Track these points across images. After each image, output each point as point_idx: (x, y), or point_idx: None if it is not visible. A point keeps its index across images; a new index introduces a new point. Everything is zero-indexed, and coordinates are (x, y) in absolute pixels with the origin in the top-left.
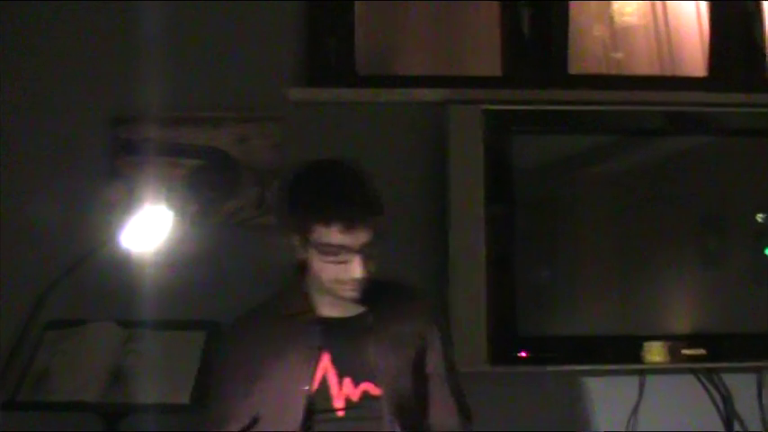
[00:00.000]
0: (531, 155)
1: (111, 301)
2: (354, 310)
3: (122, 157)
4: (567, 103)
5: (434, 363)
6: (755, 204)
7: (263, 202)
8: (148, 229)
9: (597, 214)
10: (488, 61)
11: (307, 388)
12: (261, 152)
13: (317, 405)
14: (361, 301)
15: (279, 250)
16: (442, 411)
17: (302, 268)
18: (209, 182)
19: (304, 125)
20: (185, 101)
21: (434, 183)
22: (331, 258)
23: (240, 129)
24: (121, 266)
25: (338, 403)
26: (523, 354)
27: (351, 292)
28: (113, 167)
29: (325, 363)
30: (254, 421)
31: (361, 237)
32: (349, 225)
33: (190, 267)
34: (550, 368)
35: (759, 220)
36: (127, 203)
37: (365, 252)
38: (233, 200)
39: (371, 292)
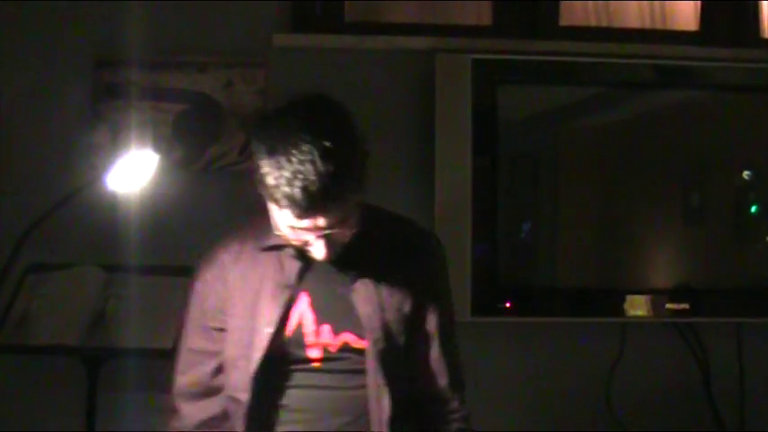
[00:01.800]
0: (519, 106)
1: (93, 244)
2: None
3: (105, 100)
4: (557, 54)
5: (433, 322)
6: (742, 161)
7: (246, 147)
8: (132, 172)
9: (583, 167)
10: (477, 10)
11: (269, 330)
12: (245, 97)
13: (290, 353)
14: (354, 244)
15: (262, 196)
16: (431, 375)
17: None
18: (193, 126)
19: (289, 71)
20: (170, 45)
21: (421, 132)
22: (292, 235)
23: (225, 74)
24: (104, 210)
25: (314, 352)
26: (508, 304)
27: (320, 257)
28: (96, 111)
29: (303, 306)
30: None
31: (322, 221)
32: (305, 213)
33: (173, 212)
34: (532, 320)
35: (745, 177)
36: (110, 147)
37: (329, 235)
38: (217, 145)
39: (373, 225)
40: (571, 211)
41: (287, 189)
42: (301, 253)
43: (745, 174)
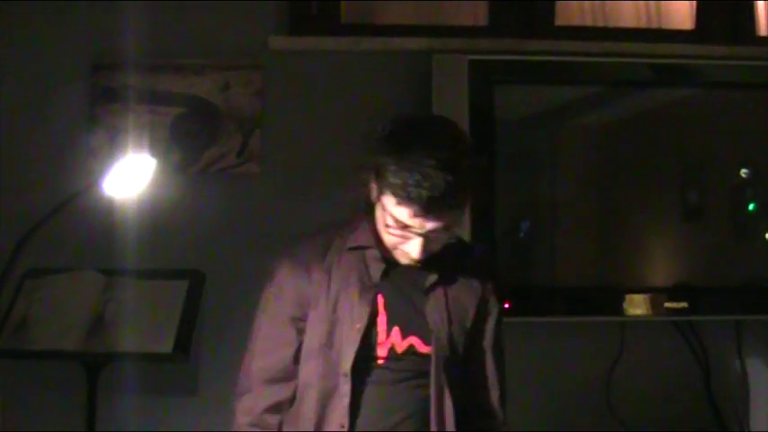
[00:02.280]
0: (516, 105)
1: (91, 248)
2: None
3: (102, 104)
4: (553, 53)
5: (488, 337)
6: (740, 159)
7: (244, 150)
8: (130, 176)
9: (581, 166)
10: (474, 11)
11: (360, 325)
12: (242, 100)
13: (364, 348)
14: (430, 256)
15: (260, 198)
16: (485, 388)
17: (372, 206)
18: (190, 130)
19: (286, 73)
20: (167, 48)
21: None
22: (393, 231)
23: (222, 76)
24: (102, 214)
25: (381, 351)
26: (506, 304)
27: (406, 261)
28: (93, 115)
29: (379, 306)
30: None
31: (431, 224)
32: (423, 213)
33: (171, 215)
34: (531, 320)
35: (743, 175)
36: (107, 151)
37: (430, 236)
38: (214, 147)
39: (444, 246)
40: (569, 211)
41: (414, 189)
42: (383, 256)
43: (743, 171)
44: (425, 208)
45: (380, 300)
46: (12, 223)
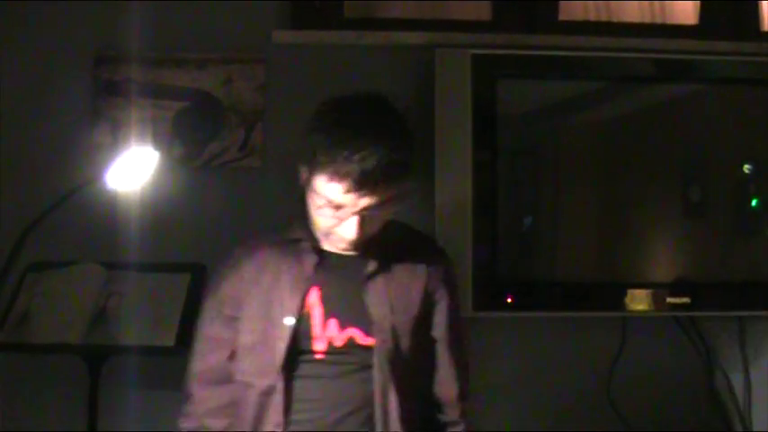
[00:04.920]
0: (519, 100)
1: (93, 242)
2: (361, 247)
3: (105, 98)
4: (557, 48)
5: (440, 327)
6: (743, 155)
7: (246, 144)
8: (132, 169)
9: (584, 161)
10: (476, 5)
11: (291, 321)
12: (245, 94)
13: (298, 343)
14: (371, 242)
15: (262, 192)
16: (439, 381)
17: (304, 195)
18: (193, 124)
19: (289, 68)
20: (169, 42)
21: (421, 128)
22: (326, 211)
23: (224, 70)
24: (104, 207)
25: (319, 345)
26: (509, 299)
27: (342, 245)
28: (96, 108)
29: (313, 299)
30: None
31: (365, 200)
32: (354, 188)
33: (173, 209)
34: (533, 314)
35: (746, 170)
36: (110, 145)
37: (365, 215)
38: (217, 141)
39: (390, 232)
40: (572, 206)
41: (344, 164)
42: (317, 247)
43: (746, 167)
44: (357, 183)
45: (317, 293)
46: (14, 216)
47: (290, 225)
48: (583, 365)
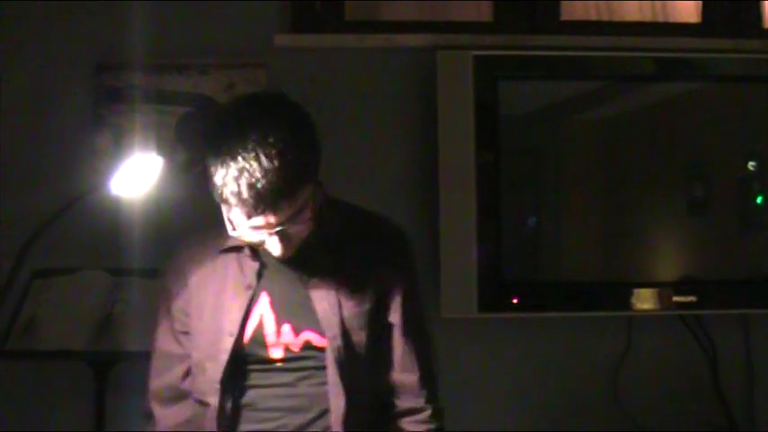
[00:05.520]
0: (521, 101)
1: (98, 249)
2: (302, 246)
3: (107, 104)
4: (559, 48)
5: (394, 314)
6: (747, 152)
7: None
8: (135, 176)
9: (587, 160)
10: (478, 6)
11: (232, 335)
12: None
13: (252, 353)
14: (310, 241)
15: None
16: (398, 368)
17: None
18: (196, 129)
19: (291, 71)
20: (171, 47)
21: (423, 130)
22: (245, 234)
23: (226, 75)
24: (108, 214)
25: (276, 352)
26: (514, 300)
27: (276, 255)
28: (98, 115)
29: (263, 306)
30: None
31: (273, 218)
32: (256, 210)
33: (177, 215)
34: (539, 315)
35: (750, 168)
36: (113, 151)
37: (283, 232)
38: None
39: (328, 219)
40: (576, 205)
41: (234, 187)
42: (258, 253)
43: (750, 164)
44: (253, 204)
45: (266, 299)
46: (18, 224)
47: (224, 232)
48: (589, 365)
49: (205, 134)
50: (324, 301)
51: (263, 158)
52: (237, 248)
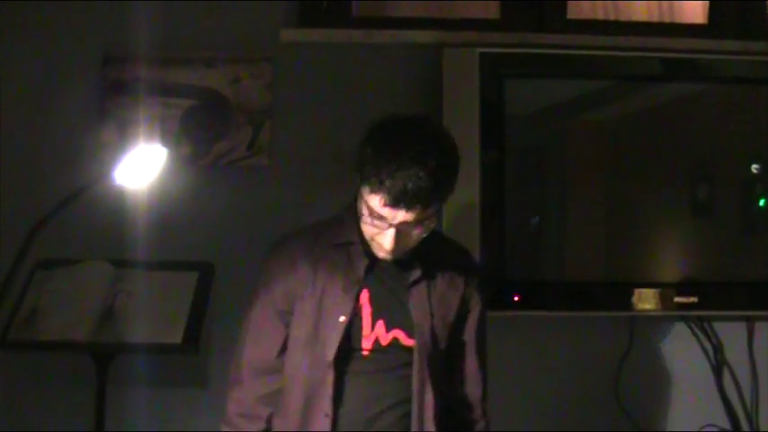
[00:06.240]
0: (526, 99)
1: (101, 240)
2: (405, 256)
3: (113, 97)
4: (565, 47)
5: (471, 332)
6: (751, 154)
7: (254, 142)
8: (140, 168)
9: (591, 160)
10: (484, 4)
11: (344, 318)
12: (253, 93)
13: (349, 339)
14: (413, 252)
15: (269, 190)
16: (467, 382)
17: (356, 200)
18: (201, 122)
19: (297, 66)
20: (177, 41)
21: None
22: (367, 220)
23: (232, 69)
24: (112, 206)
25: (366, 343)
26: (516, 298)
27: (381, 254)
28: (104, 108)
29: (364, 300)
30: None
31: (404, 216)
32: (394, 203)
33: (181, 208)
34: (541, 314)
35: (754, 170)
36: (118, 144)
37: (402, 228)
38: (225, 140)
39: (427, 237)
40: (579, 205)
41: (389, 179)
42: (368, 251)
43: (754, 167)
44: (396, 198)
45: (366, 294)
46: (22, 215)
47: (340, 227)
48: (590, 365)
49: (372, 132)
50: (419, 307)
51: (424, 166)
52: (348, 244)
